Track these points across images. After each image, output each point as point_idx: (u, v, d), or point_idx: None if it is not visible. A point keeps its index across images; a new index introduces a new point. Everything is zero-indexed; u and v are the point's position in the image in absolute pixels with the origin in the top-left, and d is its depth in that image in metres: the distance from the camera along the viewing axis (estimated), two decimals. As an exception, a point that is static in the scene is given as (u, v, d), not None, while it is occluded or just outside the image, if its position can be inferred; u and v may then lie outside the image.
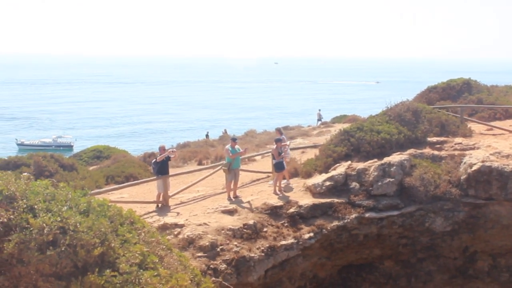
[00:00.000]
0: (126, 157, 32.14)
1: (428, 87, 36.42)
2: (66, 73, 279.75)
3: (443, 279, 21.16)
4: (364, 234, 19.61)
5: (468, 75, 37.79)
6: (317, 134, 35.22)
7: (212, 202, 19.50)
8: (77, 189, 8.70)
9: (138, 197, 20.58)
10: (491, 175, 19.87)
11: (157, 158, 19.71)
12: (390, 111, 24.34)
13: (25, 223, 7.14)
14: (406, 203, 19.94)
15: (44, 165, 24.86)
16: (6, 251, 6.92)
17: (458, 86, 34.65)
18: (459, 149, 22.11)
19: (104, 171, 27.56)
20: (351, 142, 22.30)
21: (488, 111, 29.54)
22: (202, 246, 16.35)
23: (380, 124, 23.14)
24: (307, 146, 28.32)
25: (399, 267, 21.03)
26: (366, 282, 21.06)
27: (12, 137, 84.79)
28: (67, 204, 7.73)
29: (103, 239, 7.38)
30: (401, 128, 22.95)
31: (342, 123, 35.99)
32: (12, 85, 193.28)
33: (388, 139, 22.20)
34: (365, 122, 23.88)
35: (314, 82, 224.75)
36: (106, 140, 68.34)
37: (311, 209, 19.07)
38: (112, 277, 6.98)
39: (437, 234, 20.18)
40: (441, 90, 35.02)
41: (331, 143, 22.87)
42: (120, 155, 33.09)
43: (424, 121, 23.72)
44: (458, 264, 21.14)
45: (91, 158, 34.87)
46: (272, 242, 17.55)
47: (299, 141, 32.08)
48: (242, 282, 16.32)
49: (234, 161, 19.94)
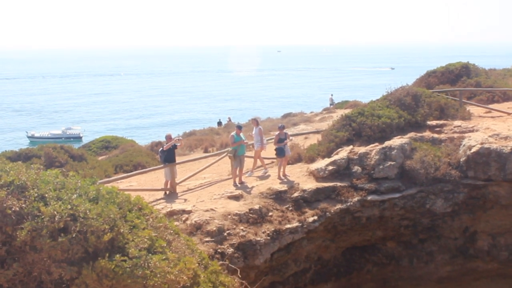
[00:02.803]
0: (134, 147, 32.21)
1: (427, 71, 36.30)
2: (73, 66, 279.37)
3: (444, 259, 21.22)
4: (367, 217, 19.65)
5: (467, 59, 37.68)
6: (319, 120, 35.14)
7: (218, 188, 19.54)
8: (86, 178, 8.74)
9: (146, 185, 20.65)
10: (489, 157, 19.85)
11: (164, 146, 19.73)
12: (390, 96, 24.30)
13: (37, 211, 7.19)
14: (407, 185, 19.95)
15: (54, 156, 24.92)
16: (19, 239, 6.97)
17: (456, 70, 34.49)
18: (458, 132, 22.08)
19: (112, 160, 27.66)
20: (353, 127, 22.28)
21: (486, 94, 29.46)
22: (209, 231, 16.40)
23: (381, 108, 23.11)
24: (309, 132, 28.26)
25: (401, 248, 21.09)
26: (370, 263, 21.14)
27: (22, 130, 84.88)
28: (77, 192, 7.78)
29: (113, 225, 7.43)
30: (401, 112, 22.92)
31: (343, 109, 35.88)
32: (21, 80, 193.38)
33: (388, 123, 22.18)
34: (366, 107, 23.82)
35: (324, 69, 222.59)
36: (114, 131, 68.38)
37: (315, 193, 19.09)
38: (122, 262, 7.03)
39: (438, 215, 20.22)
40: (440, 74, 34.87)
41: (333, 129, 22.84)
42: (128, 145, 33.18)
43: (424, 105, 23.68)
44: (458, 244, 21.19)
45: (100, 149, 34.94)
46: (277, 226, 17.60)
47: (302, 127, 32.04)
48: (249, 265, 16.39)
49: (240, 148, 19.97)
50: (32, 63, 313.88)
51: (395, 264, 21.14)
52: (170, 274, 7.22)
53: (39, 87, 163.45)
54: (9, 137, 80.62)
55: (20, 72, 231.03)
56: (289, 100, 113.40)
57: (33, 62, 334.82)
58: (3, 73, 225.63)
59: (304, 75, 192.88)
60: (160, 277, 7.10)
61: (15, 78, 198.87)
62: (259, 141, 21.02)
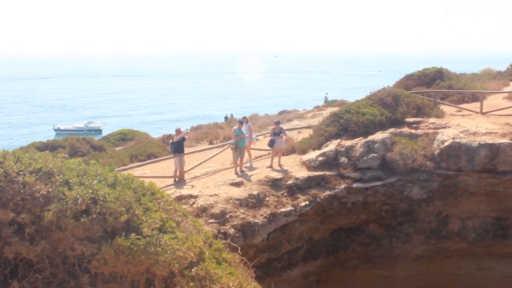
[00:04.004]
0: (147, 139, 32.13)
1: (406, 75, 36.33)
2: (94, 67, 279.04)
3: (419, 239, 21.24)
4: (352, 202, 19.66)
5: (440, 65, 37.69)
6: (311, 116, 35.04)
7: (221, 176, 19.51)
8: (105, 166, 8.72)
9: (158, 173, 20.61)
10: (460, 150, 19.89)
11: (174, 138, 19.71)
12: (373, 96, 24.27)
13: (62, 195, 7.17)
14: (388, 174, 19.96)
15: (77, 146, 24.90)
16: (46, 219, 6.96)
17: (431, 74, 34.54)
18: (433, 128, 22.05)
19: (128, 150, 27.59)
20: (340, 123, 22.23)
21: (457, 95, 29.42)
22: (213, 214, 16.41)
23: (365, 107, 23.07)
24: (302, 127, 28.23)
25: (382, 230, 21.10)
26: (354, 242, 21.14)
27: (50, 123, 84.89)
28: (97, 178, 7.75)
29: (128, 207, 7.40)
30: (383, 110, 22.88)
31: (332, 107, 35.79)
32: (49, 79, 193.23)
33: (372, 120, 22.14)
34: (352, 106, 23.80)
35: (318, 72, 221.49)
36: (130, 125, 68.29)
37: (307, 181, 19.09)
38: (136, 240, 7.02)
39: (414, 201, 20.22)
40: (417, 77, 34.92)
41: (323, 124, 22.81)
42: (142, 137, 33.09)
43: (403, 104, 23.63)
44: (432, 227, 21.20)
45: (117, 140, 34.84)
46: (273, 210, 17.60)
47: (296, 123, 31.97)
48: (248, 244, 16.39)
49: (241, 141, 19.95)
50: (57, 65, 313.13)
51: (376, 244, 21.15)
52: (179, 251, 7.21)
53: (65, 86, 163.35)
54: (38, 130, 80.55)
55: (48, 73, 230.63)
56: (285, 99, 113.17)
57: (57, 64, 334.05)
58: (30, 73, 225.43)
59: (299, 77, 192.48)
60: (170, 254, 7.09)
61: (46, 78, 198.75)
62: (249, 136, 21.02)
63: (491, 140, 20.00)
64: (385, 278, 21.83)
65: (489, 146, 19.74)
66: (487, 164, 19.75)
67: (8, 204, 7.06)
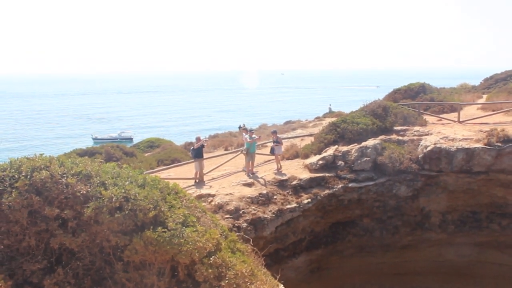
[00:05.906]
0: (172, 146, 32.25)
1: (394, 89, 36.35)
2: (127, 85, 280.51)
3: (406, 231, 21.13)
4: (348, 199, 19.58)
5: (424, 80, 37.64)
6: (312, 125, 34.97)
7: (235, 178, 19.50)
8: (136, 169, 8.75)
9: (181, 175, 20.62)
10: (440, 154, 19.82)
11: (194, 145, 19.74)
12: (366, 108, 24.24)
13: (99, 194, 7.20)
14: (379, 175, 19.88)
15: (112, 153, 25.08)
16: (86, 215, 6.99)
17: (416, 88, 34.64)
18: (417, 135, 21.96)
19: (155, 156, 27.71)
20: (338, 131, 22.20)
21: (438, 107, 29.39)
22: (228, 210, 16.39)
23: (359, 117, 23.02)
24: (305, 135, 28.16)
25: (374, 223, 20.99)
26: (350, 234, 21.05)
27: (88, 133, 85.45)
28: (129, 180, 7.77)
29: (156, 205, 7.42)
30: (374, 120, 22.81)
31: (331, 118, 35.72)
32: (88, 95, 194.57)
33: (365, 128, 22.09)
34: (348, 116, 23.76)
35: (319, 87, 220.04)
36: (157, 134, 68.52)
37: (309, 182, 19.04)
38: (162, 233, 7.03)
39: (402, 198, 20.12)
40: (403, 91, 34.99)
41: (323, 132, 22.79)
42: (167, 145, 33.23)
43: (391, 115, 23.57)
44: (417, 220, 21.09)
45: (146, 147, 34.98)
46: (280, 206, 17.57)
47: (299, 131, 31.94)
48: (258, 236, 16.35)
49: (251, 147, 19.93)
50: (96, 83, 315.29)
51: (369, 235, 21.05)
52: (199, 242, 7.21)
53: (101, 101, 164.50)
54: (78, 139, 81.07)
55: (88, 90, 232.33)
56: (289, 111, 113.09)
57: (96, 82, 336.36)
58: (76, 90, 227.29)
59: (302, 92, 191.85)
60: (191, 244, 7.09)
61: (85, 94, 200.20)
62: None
63: (467, 145, 19.90)
64: (377, 264, 21.72)
65: (465, 150, 19.66)
66: (463, 165, 19.66)
67: (53, 202, 7.11)
